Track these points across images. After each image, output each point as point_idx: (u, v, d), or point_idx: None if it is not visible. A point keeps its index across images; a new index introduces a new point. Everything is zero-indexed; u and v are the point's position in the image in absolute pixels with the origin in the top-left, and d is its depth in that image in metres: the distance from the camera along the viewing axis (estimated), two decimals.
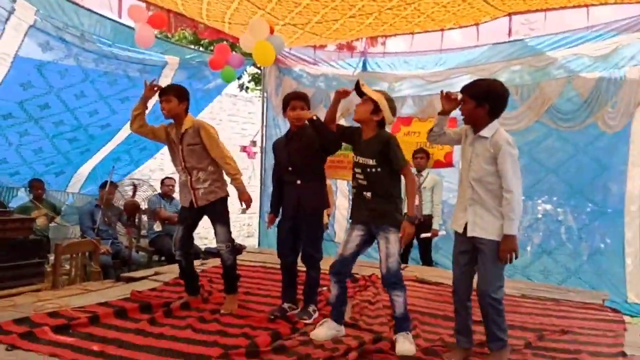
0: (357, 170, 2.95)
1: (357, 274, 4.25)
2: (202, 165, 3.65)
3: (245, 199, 3.63)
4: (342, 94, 2.99)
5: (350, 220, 3.12)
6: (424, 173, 5.73)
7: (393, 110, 2.96)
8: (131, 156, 6.59)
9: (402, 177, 2.94)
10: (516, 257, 2.60)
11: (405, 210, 2.96)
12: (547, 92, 5.27)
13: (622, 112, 4.89)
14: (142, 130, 3.69)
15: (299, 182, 3.38)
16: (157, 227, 5.95)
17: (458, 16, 4.59)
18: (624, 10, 4.81)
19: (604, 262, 5.02)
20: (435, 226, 5.58)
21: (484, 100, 2.61)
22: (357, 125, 3.03)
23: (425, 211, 5.67)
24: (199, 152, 3.64)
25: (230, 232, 3.76)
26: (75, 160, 6.00)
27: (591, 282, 5.03)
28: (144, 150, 6.55)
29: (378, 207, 2.90)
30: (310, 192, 3.42)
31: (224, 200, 3.74)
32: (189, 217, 3.70)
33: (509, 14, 4.75)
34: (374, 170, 2.89)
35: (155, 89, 3.58)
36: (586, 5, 4.52)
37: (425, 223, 5.60)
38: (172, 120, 3.63)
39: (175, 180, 6.37)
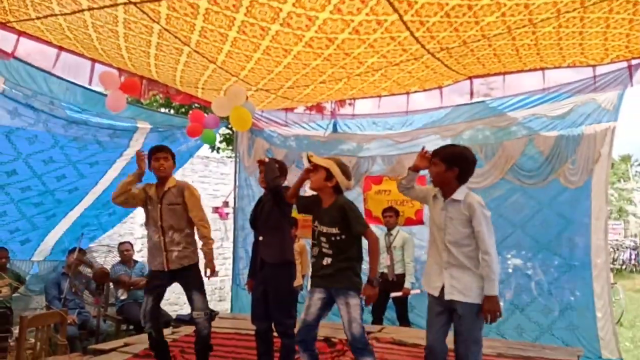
0: (323, 239, 2.97)
1: (334, 337, 4.18)
2: (180, 226, 3.65)
3: (212, 266, 3.63)
4: (308, 174, 3.10)
5: (311, 284, 3.12)
6: (394, 231, 5.78)
7: (346, 174, 3.06)
8: (99, 221, 6.45)
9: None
10: (500, 316, 2.63)
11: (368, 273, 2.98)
12: (509, 150, 5.50)
13: (582, 168, 5.11)
14: (125, 201, 3.70)
15: (261, 238, 3.46)
16: (123, 295, 5.77)
17: (422, 80, 4.81)
18: (578, 72, 5.14)
19: (575, 317, 5.06)
20: (407, 285, 5.57)
21: (454, 164, 2.71)
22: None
23: (397, 270, 5.67)
24: (179, 212, 3.66)
25: (207, 300, 3.71)
26: (41, 226, 5.83)
27: (564, 338, 5.05)
28: (113, 214, 6.43)
29: (335, 272, 2.91)
30: (270, 245, 3.47)
31: (197, 266, 3.70)
32: (159, 286, 3.63)
33: (470, 78, 4.99)
34: (339, 238, 2.92)
35: (143, 156, 3.66)
36: (542, 69, 4.78)
37: (397, 282, 5.59)
38: (145, 181, 3.68)
39: (131, 245, 6.25)
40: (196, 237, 3.76)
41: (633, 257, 17.45)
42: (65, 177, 5.40)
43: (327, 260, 2.94)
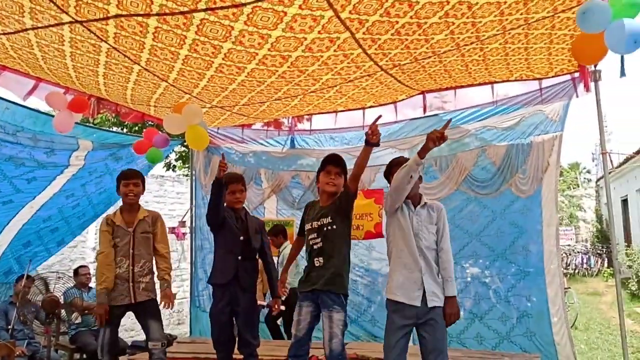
0: (312, 236, 3.06)
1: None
2: (150, 256, 3.61)
3: (170, 294, 3.57)
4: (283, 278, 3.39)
5: (299, 297, 3.11)
6: (280, 248, 6.02)
7: None
8: (42, 239, 6.12)
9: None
10: (458, 317, 2.67)
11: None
12: (463, 162, 5.63)
13: (532, 178, 5.28)
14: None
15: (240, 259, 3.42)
16: (77, 318, 5.53)
17: (377, 96, 4.88)
18: (525, 85, 5.32)
19: (532, 323, 5.16)
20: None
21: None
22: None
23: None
24: (150, 241, 3.60)
25: (163, 328, 3.62)
26: None
27: (522, 344, 5.14)
28: (56, 231, 6.15)
29: (327, 273, 2.92)
30: (247, 269, 3.45)
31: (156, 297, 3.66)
32: (119, 316, 3.53)
33: (422, 92, 5.10)
34: (329, 227, 2.99)
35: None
36: (490, 83, 4.94)
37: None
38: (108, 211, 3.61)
39: (89, 269, 6.01)
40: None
41: (584, 261, 18.14)
42: (1, 192, 5.14)
43: (319, 261, 2.96)
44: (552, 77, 4.78)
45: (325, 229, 3.02)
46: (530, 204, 5.32)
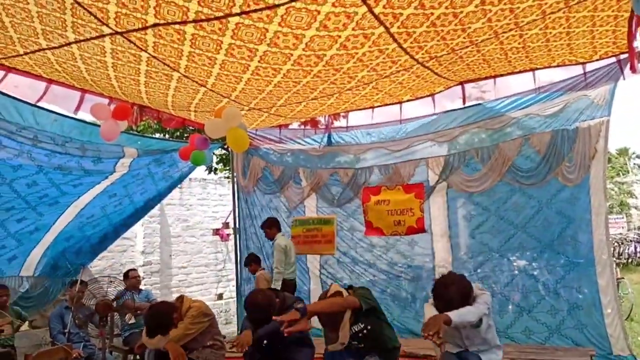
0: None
1: None
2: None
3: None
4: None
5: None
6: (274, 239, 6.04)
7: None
8: (83, 232, 6.35)
9: None
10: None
11: None
12: (506, 152, 5.49)
13: (579, 166, 5.10)
14: None
15: None
16: (129, 320, 5.72)
17: (414, 90, 4.82)
18: (568, 70, 5.14)
19: (583, 316, 5.01)
20: None
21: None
22: None
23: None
24: None
25: None
26: (25, 241, 5.76)
27: (574, 337, 5.00)
28: (97, 226, 6.37)
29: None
30: None
31: None
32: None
33: (461, 83, 5.00)
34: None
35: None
36: (532, 70, 4.80)
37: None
38: None
39: (139, 272, 6.21)
40: None
41: (638, 250, 17.37)
42: (48, 196, 5.38)
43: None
44: (596, 60, 4.59)
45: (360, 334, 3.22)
46: (578, 193, 5.16)
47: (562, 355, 3.96)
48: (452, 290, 2.88)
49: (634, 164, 30.93)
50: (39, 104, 4.56)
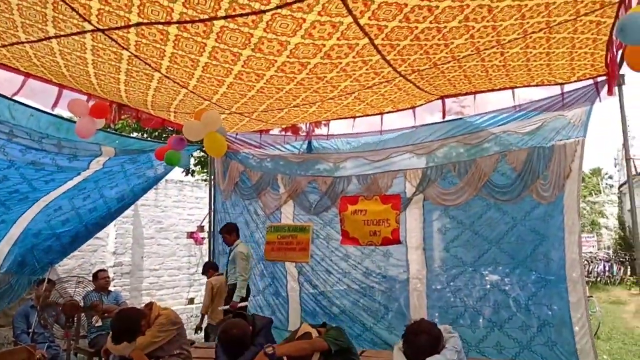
0: None
1: None
2: None
3: None
4: None
5: None
6: (232, 246, 6.07)
7: None
8: (52, 229, 6.13)
9: None
10: None
11: None
12: (482, 167, 5.56)
13: (553, 184, 5.18)
14: None
15: None
16: (97, 322, 5.60)
17: (395, 102, 4.86)
18: (547, 90, 5.24)
19: (553, 332, 5.07)
20: (234, 298, 5.71)
21: None
22: None
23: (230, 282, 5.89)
24: None
25: None
26: None
27: (543, 354, 5.05)
28: (67, 223, 6.17)
29: None
30: None
31: None
32: None
33: (442, 97, 5.06)
34: None
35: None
36: (511, 88, 4.88)
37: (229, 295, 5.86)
38: None
39: (108, 273, 6.08)
40: None
41: (607, 269, 17.77)
42: (18, 191, 5.24)
43: None
44: (574, 82, 4.70)
45: None
46: (552, 211, 5.23)
47: None
48: (422, 339, 2.89)
49: (606, 184, 31.70)
50: (15, 98, 4.45)
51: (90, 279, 5.71)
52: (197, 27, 2.94)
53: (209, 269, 6.46)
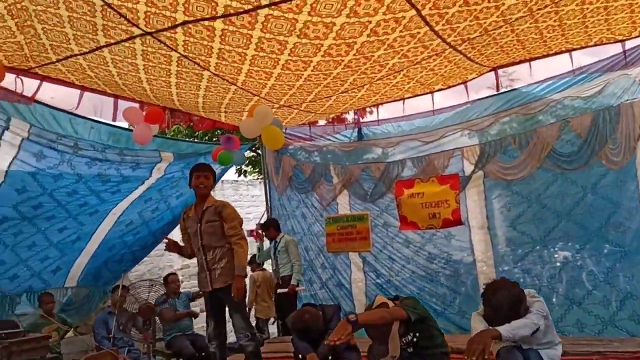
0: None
1: None
2: (220, 244, 3.68)
3: (239, 285, 3.60)
4: None
5: None
6: (278, 239, 6.38)
7: None
8: (125, 243, 6.46)
9: None
10: None
11: None
12: (544, 137, 5.29)
13: (623, 147, 4.87)
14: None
15: None
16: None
17: (446, 77, 4.70)
18: (605, 50, 4.94)
19: (637, 306, 4.75)
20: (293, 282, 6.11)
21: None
22: None
23: (284, 272, 6.25)
24: (217, 229, 3.69)
25: (247, 319, 3.68)
26: (68, 251, 5.88)
27: (629, 328, 4.76)
28: (138, 234, 6.47)
29: None
30: None
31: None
32: (214, 307, 3.68)
33: (494, 69, 4.86)
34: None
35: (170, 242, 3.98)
36: (568, 51, 4.63)
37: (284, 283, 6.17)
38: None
39: (178, 276, 6.28)
40: None
41: None
42: (87, 204, 5.49)
43: None
44: (637, 37, 4.39)
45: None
46: (624, 176, 4.92)
47: (618, 347, 3.77)
48: (501, 296, 2.75)
49: None
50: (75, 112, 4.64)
51: (161, 282, 5.88)
52: (242, 19, 2.94)
53: (252, 263, 6.66)
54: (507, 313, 2.69)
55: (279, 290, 6.09)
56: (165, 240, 4.05)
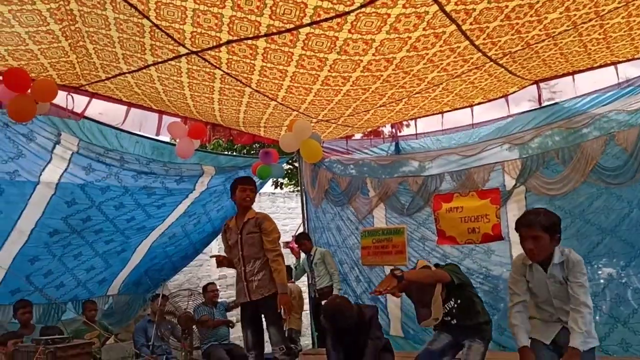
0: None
1: None
2: (258, 256, 3.74)
3: (284, 300, 3.63)
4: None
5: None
6: (312, 252, 6.47)
7: None
8: (167, 254, 6.64)
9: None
10: None
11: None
12: (589, 151, 5.15)
13: None
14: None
15: None
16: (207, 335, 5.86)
17: (486, 90, 4.66)
18: None
19: None
20: (335, 292, 6.17)
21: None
22: None
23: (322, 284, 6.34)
24: (257, 241, 3.75)
25: (283, 333, 3.71)
26: (113, 261, 6.08)
27: None
28: (179, 246, 6.66)
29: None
30: None
31: (275, 297, 3.72)
32: (251, 318, 3.72)
33: (536, 82, 4.79)
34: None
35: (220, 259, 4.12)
36: (613, 63, 4.52)
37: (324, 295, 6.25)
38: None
39: (217, 286, 6.40)
40: None
41: None
42: (135, 219, 5.68)
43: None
44: None
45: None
46: None
47: None
48: (534, 216, 2.94)
49: None
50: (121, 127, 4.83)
51: (199, 291, 5.99)
52: (284, 37, 3.01)
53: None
54: (540, 231, 2.91)
55: (323, 302, 6.07)
56: (214, 258, 4.18)
